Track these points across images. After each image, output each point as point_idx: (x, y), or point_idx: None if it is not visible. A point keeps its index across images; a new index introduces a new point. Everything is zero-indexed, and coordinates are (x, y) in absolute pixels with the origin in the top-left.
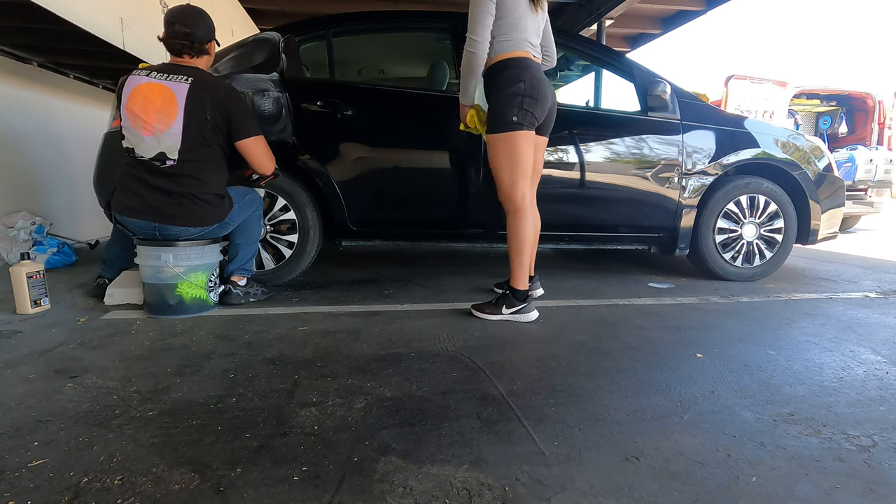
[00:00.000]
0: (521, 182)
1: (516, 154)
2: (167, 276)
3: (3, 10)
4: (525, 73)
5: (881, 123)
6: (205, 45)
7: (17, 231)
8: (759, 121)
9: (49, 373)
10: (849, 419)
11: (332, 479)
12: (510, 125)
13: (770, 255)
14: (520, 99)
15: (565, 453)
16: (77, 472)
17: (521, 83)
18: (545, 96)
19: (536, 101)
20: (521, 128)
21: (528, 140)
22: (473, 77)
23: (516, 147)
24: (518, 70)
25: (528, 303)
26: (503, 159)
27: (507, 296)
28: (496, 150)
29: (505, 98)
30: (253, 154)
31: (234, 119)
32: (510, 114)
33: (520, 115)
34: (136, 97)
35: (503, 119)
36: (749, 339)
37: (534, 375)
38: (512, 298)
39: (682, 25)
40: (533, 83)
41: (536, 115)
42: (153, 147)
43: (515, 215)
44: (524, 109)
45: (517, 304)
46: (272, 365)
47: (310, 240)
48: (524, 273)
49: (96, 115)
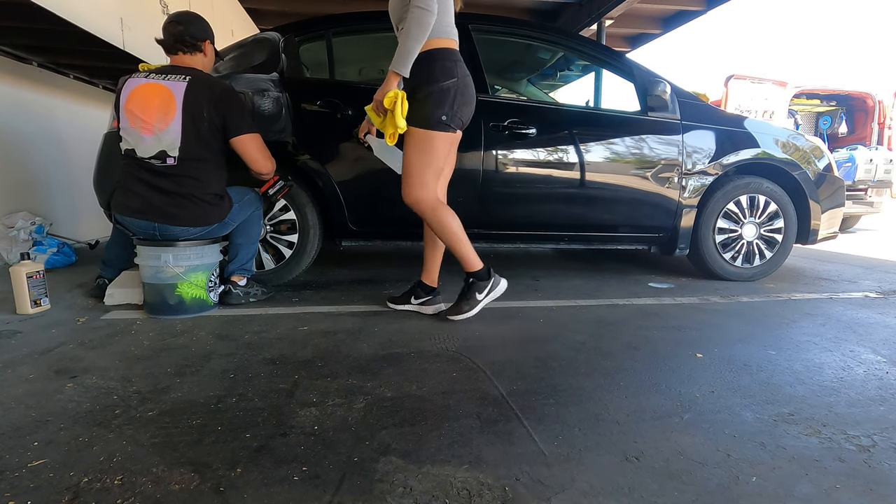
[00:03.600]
0: (433, 181)
1: (435, 155)
2: (167, 276)
3: (3, 10)
4: (458, 69)
5: (881, 123)
6: (199, 41)
7: (17, 231)
8: (759, 121)
9: (49, 373)
10: (849, 419)
11: (332, 479)
12: (438, 124)
13: (770, 255)
14: (452, 97)
15: (565, 453)
16: (77, 472)
17: (454, 79)
18: (472, 96)
19: (468, 100)
20: (448, 129)
21: (451, 142)
22: (419, 40)
23: (437, 148)
24: (452, 64)
25: (493, 274)
26: (419, 157)
27: (472, 284)
28: (415, 145)
29: (438, 93)
30: (247, 151)
31: (229, 116)
32: (440, 112)
33: (450, 114)
34: (135, 98)
35: (433, 116)
36: (749, 339)
37: (534, 375)
38: (478, 282)
39: (682, 25)
40: (466, 81)
41: (465, 116)
42: (153, 146)
43: (432, 211)
44: (455, 110)
45: (486, 284)
46: (272, 365)
47: (310, 240)
48: (472, 255)
49: (96, 115)
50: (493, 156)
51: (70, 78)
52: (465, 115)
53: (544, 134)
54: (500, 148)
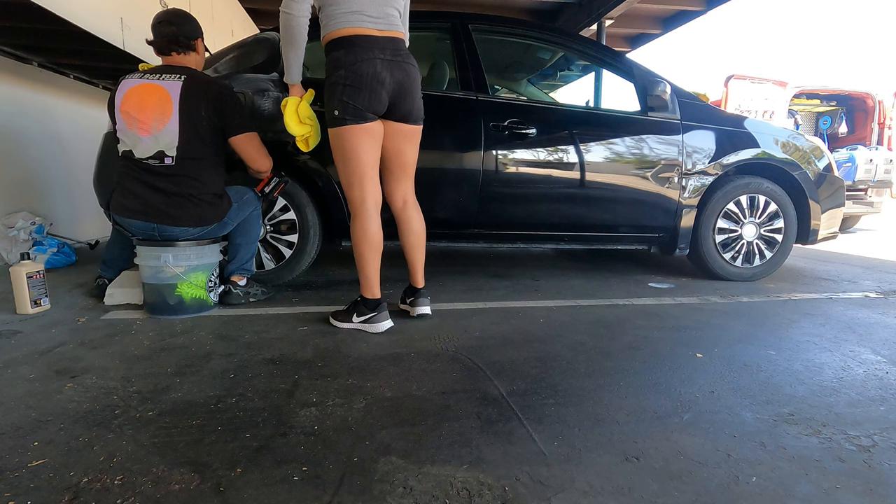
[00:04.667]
0: (357, 182)
1: (347, 152)
2: (167, 276)
3: (3, 10)
4: (346, 56)
5: (881, 123)
6: (192, 41)
7: (17, 231)
8: (759, 121)
9: (49, 373)
10: (849, 419)
11: (332, 479)
12: (333, 120)
13: (770, 255)
14: (340, 88)
15: (565, 453)
16: (77, 472)
17: (340, 70)
18: (376, 80)
19: (358, 88)
20: (345, 122)
21: (360, 135)
22: (292, 45)
23: (345, 144)
24: (340, 54)
25: (379, 311)
26: (337, 157)
27: (357, 303)
28: (332, 146)
29: (328, 88)
30: (246, 151)
31: (228, 114)
32: (332, 106)
33: (341, 107)
34: (131, 99)
35: (328, 113)
36: (749, 339)
37: (534, 375)
38: (361, 306)
39: (682, 25)
40: (357, 67)
41: (360, 104)
42: (151, 146)
43: (353, 218)
44: (344, 101)
45: (367, 313)
46: (272, 365)
47: (310, 240)
48: (369, 281)
49: (96, 115)
50: (493, 156)
51: (70, 78)
52: (363, 104)
53: (544, 134)
54: (501, 148)
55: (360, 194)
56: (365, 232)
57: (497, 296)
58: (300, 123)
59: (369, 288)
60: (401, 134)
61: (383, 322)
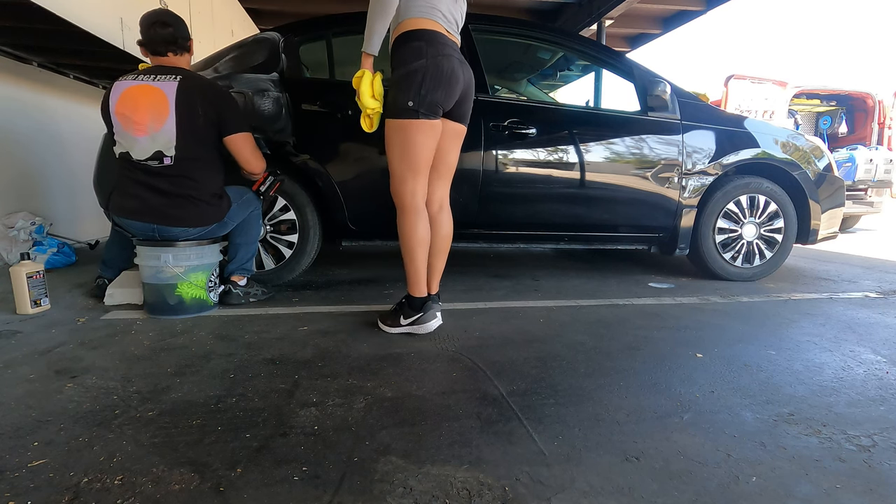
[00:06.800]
0: (412, 178)
1: (409, 146)
2: (167, 276)
3: (3, 10)
4: (430, 50)
5: (881, 123)
6: (187, 41)
7: (17, 231)
8: (759, 121)
9: (49, 373)
10: (849, 419)
11: (332, 479)
12: (405, 111)
13: (770, 255)
14: (420, 79)
15: (565, 453)
16: (77, 472)
17: (422, 59)
18: (454, 77)
19: (440, 83)
20: (417, 115)
21: (427, 131)
22: (381, 15)
23: (410, 138)
24: (422, 44)
25: (427, 311)
26: (395, 149)
27: (402, 304)
28: (390, 137)
29: (404, 77)
30: (240, 151)
31: (224, 114)
32: (405, 97)
33: (417, 99)
34: (126, 100)
35: (398, 103)
36: (749, 339)
37: (534, 375)
38: (407, 307)
39: (682, 25)
40: (439, 61)
41: (440, 100)
42: (148, 147)
43: (401, 214)
44: (422, 94)
45: (413, 314)
46: (272, 365)
47: (310, 240)
48: (418, 279)
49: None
50: (494, 156)
51: (70, 78)
52: (439, 100)
53: (544, 134)
54: (501, 148)
55: (413, 190)
56: (415, 229)
57: (497, 296)
58: (374, 98)
59: (417, 285)
60: (454, 133)
61: (432, 321)
